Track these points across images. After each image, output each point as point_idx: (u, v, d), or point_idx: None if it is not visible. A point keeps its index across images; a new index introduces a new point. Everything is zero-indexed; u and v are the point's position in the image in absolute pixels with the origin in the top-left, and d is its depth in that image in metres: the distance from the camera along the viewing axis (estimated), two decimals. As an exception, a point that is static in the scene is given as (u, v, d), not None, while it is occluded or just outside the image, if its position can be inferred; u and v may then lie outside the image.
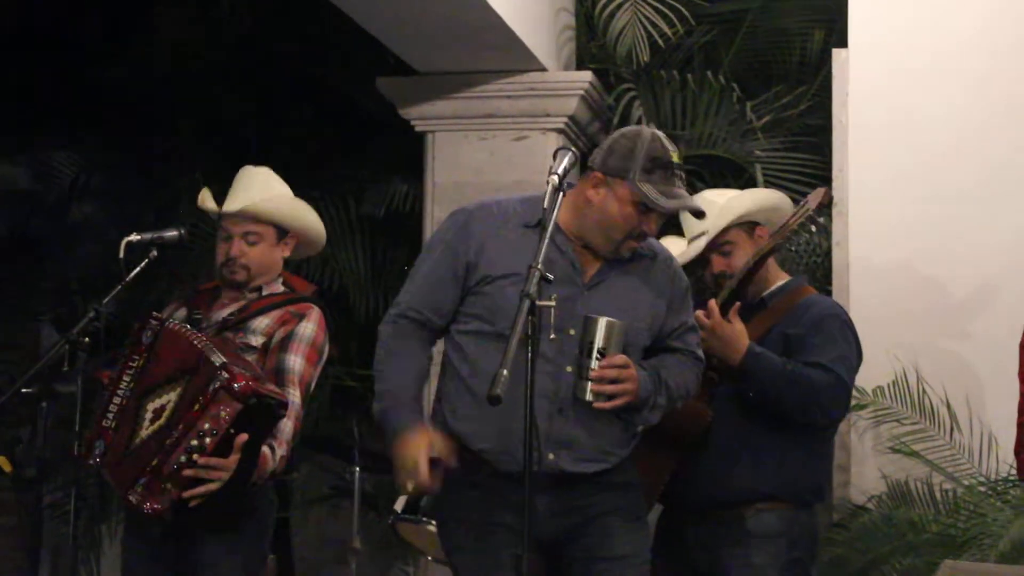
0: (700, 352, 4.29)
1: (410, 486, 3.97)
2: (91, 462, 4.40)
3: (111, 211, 8.75)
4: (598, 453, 4.05)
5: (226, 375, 4.21)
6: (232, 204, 4.69)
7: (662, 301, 4.16)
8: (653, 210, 4.03)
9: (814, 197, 4.61)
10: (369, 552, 7.20)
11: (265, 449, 4.36)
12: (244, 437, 4.22)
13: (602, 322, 3.96)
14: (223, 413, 4.21)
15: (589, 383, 3.97)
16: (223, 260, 4.70)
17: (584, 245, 4.10)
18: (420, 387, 4.13)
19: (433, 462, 3.94)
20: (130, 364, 4.42)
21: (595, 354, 3.95)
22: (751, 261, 4.57)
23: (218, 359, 4.27)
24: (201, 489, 4.23)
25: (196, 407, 4.24)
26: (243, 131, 8.19)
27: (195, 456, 4.20)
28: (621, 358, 3.96)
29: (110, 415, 4.40)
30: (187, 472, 4.21)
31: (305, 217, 4.87)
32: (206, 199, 4.79)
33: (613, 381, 3.97)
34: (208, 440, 4.21)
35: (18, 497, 7.72)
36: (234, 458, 4.24)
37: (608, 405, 3.98)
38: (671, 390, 4.13)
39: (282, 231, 4.76)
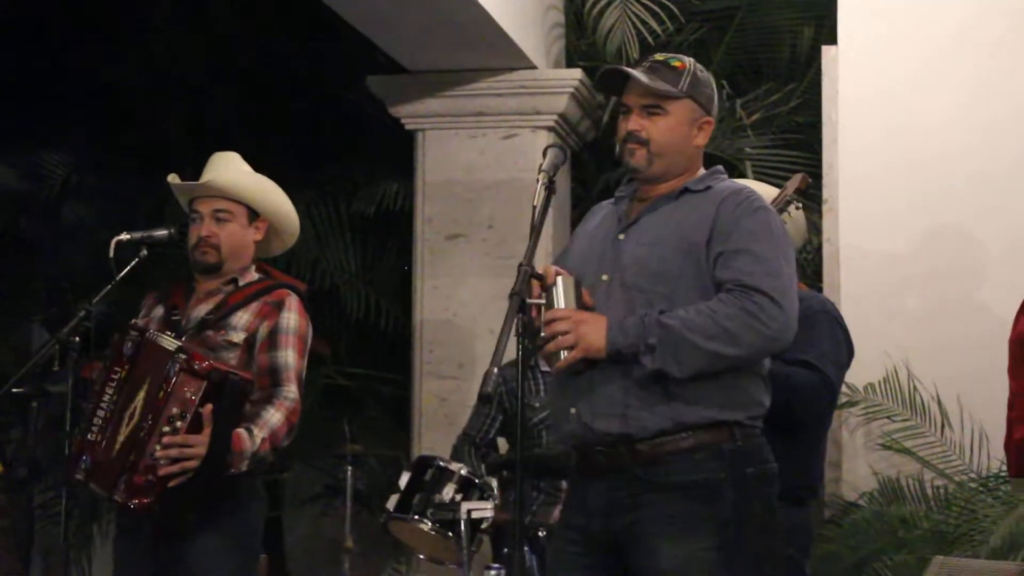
0: (754, 280, 3.68)
1: None
2: (78, 476, 4.39)
3: (102, 211, 8.75)
4: (616, 407, 3.72)
5: (184, 356, 4.24)
6: (203, 178, 4.68)
7: (703, 227, 3.78)
8: (626, 106, 3.90)
9: (792, 182, 4.61)
10: (362, 551, 7.19)
11: (241, 430, 4.36)
12: (209, 408, 4.23)
13: (558, 281, 3.73)
14: (188, 393, 4.23)
15: None
16: (194, 242, 4.66)
17: (641, 198, 3.95)
18: None
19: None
20: (112, 376, 4.41)
21: None
22: None
23: (172, 344, 4.28)
24: (177, 467, 4.23)
25: (161, 395, 4.25)
26: (234, 130, 8.18)
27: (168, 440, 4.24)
28: (552, 312, 3.70)
29: (95, 428, 4.39)
30: (161, 453, 4.21)
31: (274, 196, 4.79)
32: (176, 181, 4.76)
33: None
34: (180, 424, 4.23)
35: (9, 497, 7.72)
36: (206, 432, 4.24)
37: (563, 364, 3.68)
38: (672, 328, 3.63)
39: (253, 213, 4.72)
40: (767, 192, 4.89)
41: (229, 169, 4.72)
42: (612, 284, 3.82)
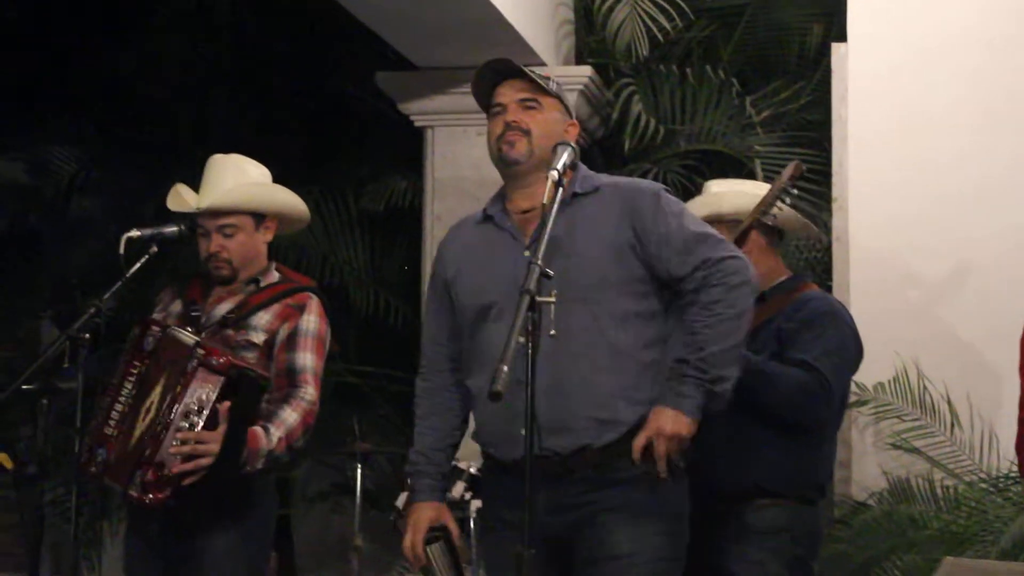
0: (710, 251, 3.88)
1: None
2: (92, 469, 4.40)
3: (110, 206, 8.75)
4: (570, 422, 3.84)
5: (202, 351, 4.24)
6: (201, 201, 4.65)
7: (624, 224, 3.92)
8: (500, 105, 4.08)
9: (786, 171, 4.60)
10: (371, 549, 7.19)
11: (258, 428, 4.36)
12: (227, 405, 4.24)
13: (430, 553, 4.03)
14: (206, 389, 4.24)
15: None
16: (205, 257, 4.66)
17: (524, 211, 4.00)
18: (447, 444, 4.14)
19: (440, 530, 4.06)
20: (131, 370, 4.42)
21: None
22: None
23: (191, 339, 4.28)
24: (191, 465, 4.23)
25: (179, 389, 4.26)
26: (241, 126, 8.18)
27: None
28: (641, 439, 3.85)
29: (112, 422, 4.40)
30: (174, 450, 4.21)
31: (278, 198, 4.77)
32: (181, 196, 4.70)
33: None
34: (196, 419, 4.25)
35: (19, 494, 7.70)
36: (221, 429, 4.24)
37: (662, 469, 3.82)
38: (714, 353, 3.80)
39: (259, 216, 4.70)
40: (760, 188, 4.86)
41: (226, 180, 4.66)
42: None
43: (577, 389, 3.85)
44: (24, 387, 4.49)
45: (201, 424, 4.24)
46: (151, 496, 4.26)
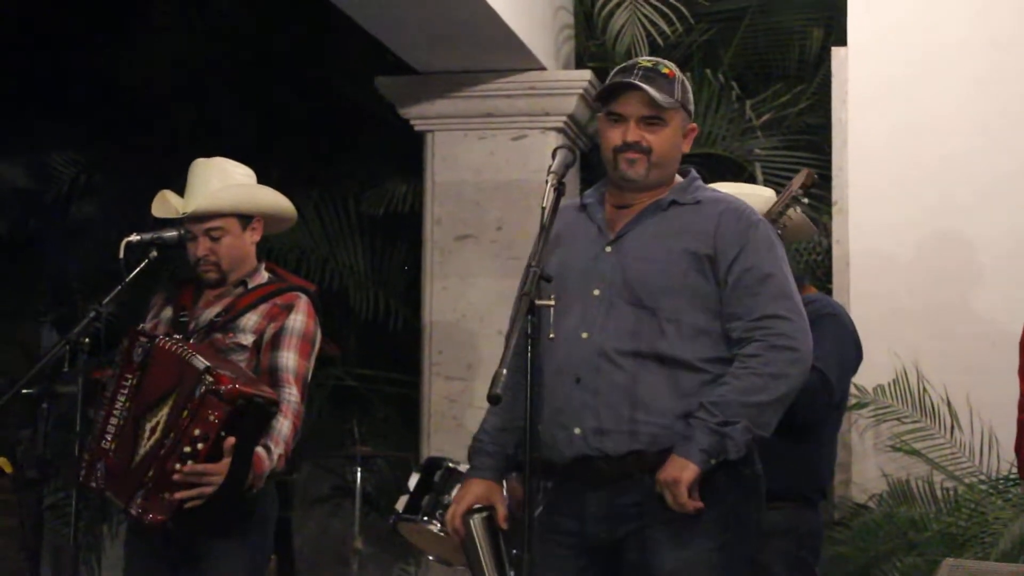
0: (765, 305, 3.79)
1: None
2: (92, 484, 4.39)
3: (111, 211, 8.74)
4: (625, 425, 3.78)
5: (211, 379, 4.19)
6: (186, 205, 4.65)
7: (704, 241, 3.84)
8: (620, 116, 3.89)
9: (798, 178, 4.59)
10: (371, 552, 7.20)
11: (260, 450, 4.34)
12: (231, 440, 4.22)
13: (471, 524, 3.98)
14: (212, 417, 4.19)
15: None
16: (194, 261, 4.67)
17: (618, 205, 3.96)
18: (515, 426, 3.92)
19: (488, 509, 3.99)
20: (123, 383, 4.40)
21: None
22: None
23: (201, 363, 4.25)
24: (194, 492, 4.22)
25: (186, 414, 4.22)
26: (243, 131, 8.18)
27: (188, 463, 4.21)
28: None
29: (108, 436, 4.39)
30: (178, 477, 4.20)
31: (262, 198, 4.76)
32: (167, 201, 4.70)
33: None
34: (200, 446, 4.20)
35: (19, 498, 7.72)
36: (225, 462, 4.22)
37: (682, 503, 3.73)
38: (730, 404, 3.72)
39: (245, 218, 4.69)
40: (768, 195, 4.88)
41: (210, 183, 4.67)
42: (607, 299, 3.84)
43: (629, 393, 3.79)
44: (24, 391, 4.49)
45: (205, 451, 4.22)
46: (151, 516, 4.25)
